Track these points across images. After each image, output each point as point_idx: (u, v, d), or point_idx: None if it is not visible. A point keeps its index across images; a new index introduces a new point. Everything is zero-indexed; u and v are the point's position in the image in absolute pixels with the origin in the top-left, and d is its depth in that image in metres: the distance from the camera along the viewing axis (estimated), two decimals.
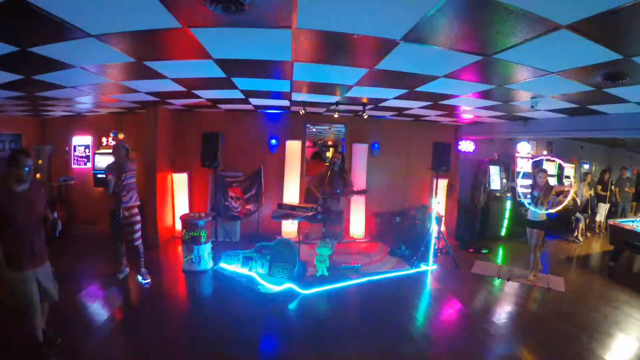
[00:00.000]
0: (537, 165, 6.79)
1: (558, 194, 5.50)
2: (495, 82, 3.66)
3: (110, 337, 3.39)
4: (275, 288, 4.62)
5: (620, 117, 4.76)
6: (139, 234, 4.80)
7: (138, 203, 4.81)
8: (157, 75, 3.71)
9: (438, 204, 6.15)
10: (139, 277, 4.78)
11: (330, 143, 8.51)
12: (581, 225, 7.83)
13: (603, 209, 8.44)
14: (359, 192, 5.89)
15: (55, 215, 3.01)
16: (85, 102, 5.56)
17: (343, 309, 4.40)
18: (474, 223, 7.49)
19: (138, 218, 4.80)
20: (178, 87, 4.36)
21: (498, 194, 7.62)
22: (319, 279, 5.02)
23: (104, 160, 7.07)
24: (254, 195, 6.69)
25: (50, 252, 2.96)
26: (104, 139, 7.21)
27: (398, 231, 7.22)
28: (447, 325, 4.10)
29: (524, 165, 8.06)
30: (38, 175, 7.13)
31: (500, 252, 6.96)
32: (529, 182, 5.63)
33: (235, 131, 6.96)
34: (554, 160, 7.78)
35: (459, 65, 3.04)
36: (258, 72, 3.68)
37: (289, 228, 7.08)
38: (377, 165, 7.61)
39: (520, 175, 6.53)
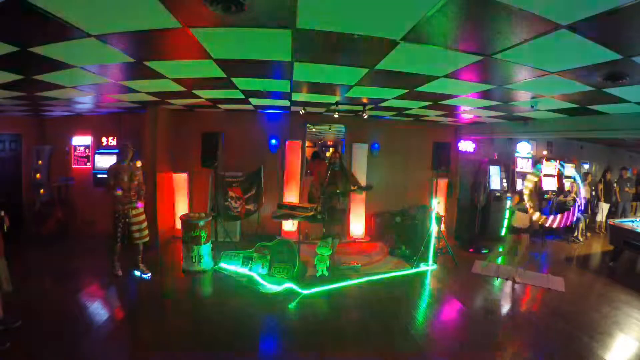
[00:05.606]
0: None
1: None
2: (495, 82, 3.65)
3: (110, 336, 3.39)
4: (275, 288, 4.62)
5: (620, 117, 4.75)
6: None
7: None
8: (157, 75, 3.71)
9: (438, 204, 6.14)
10: (138, 272, 4.90)
11: (330, 143, 8.50)
12: (581, 225, 7.82)
13: (603, 208, 8.43)
14: (365, 188, 5.97)
15: (2, 213, 3.21)
16: (85, 102, 5.55)
17: (343, 309, 4.40)
18: (474, 223, 7.48)
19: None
20: (178, 87, 4.36)
21: (498, 194, 7.62)
22: (319, 279, 5.02)
23: (104, 161, 7.09)
24: (254, 195, 6.68)
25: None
26: (104, 139, 7.21)
27: (398, 231, 7.21)
28: (447, 325, 4.10)
29: (523, 165, 8.08)
30: (38, 175, 7.13)
31: (500, 252, 6.95)
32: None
33: (235, 131, 6.95)
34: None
35: (459, 65, 3.03)
36: (258, 72, 3.68)
37: (289, 228, 7.08)
38: (377, 165, 7.60)
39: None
